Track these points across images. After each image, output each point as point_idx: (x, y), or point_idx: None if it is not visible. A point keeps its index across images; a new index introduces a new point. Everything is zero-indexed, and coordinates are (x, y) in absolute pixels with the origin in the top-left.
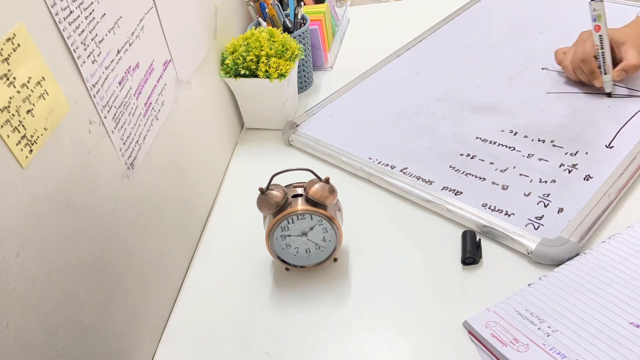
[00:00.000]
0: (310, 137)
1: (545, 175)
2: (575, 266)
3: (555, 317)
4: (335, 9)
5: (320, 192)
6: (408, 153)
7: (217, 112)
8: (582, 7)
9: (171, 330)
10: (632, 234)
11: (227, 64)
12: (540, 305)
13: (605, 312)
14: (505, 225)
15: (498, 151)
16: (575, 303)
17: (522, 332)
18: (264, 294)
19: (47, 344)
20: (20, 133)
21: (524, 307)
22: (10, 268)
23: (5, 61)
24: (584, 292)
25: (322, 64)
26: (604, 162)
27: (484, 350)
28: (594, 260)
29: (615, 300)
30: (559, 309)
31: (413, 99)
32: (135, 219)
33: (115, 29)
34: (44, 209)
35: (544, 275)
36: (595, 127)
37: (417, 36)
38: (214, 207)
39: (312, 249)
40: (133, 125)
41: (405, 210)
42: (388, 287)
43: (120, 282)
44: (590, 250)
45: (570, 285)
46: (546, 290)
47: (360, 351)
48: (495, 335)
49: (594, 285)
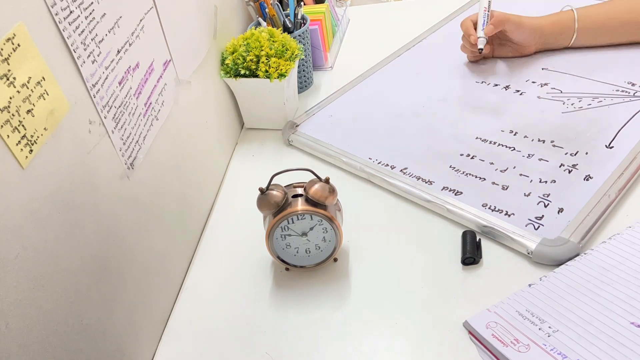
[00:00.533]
0: (310, 137)
1: (545, 176)
2: (575, 266)
3: (556, 318)
4: (335, 9)
5: (320, 192)
6: (408, 153)
7: (217, 112)
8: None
9: (171, 330)
10: (632, 234)
11: (227, 64)
12: (541, 306)
13: (606, 312)
14: (505, 226)
15: (498, 151)
16: (575, 303)
17: (522, 332)
18: (264, 294)
19: (47, 344)
20: (20, 133)
21: (524, 307)
22: (10, 268)
23: (5, 61)
24: (584, 293)
25: (322, 64)
26: (604, 162)
27: (484, 350)
28: (594, 261)
29: (616, 300)
30: (560, 309)
31: (413, 99)
32: (135, 219)
33: (115, 29)
34: (44, 209)
35: (544, 276)
36: (596, 127)
37: (417, 36)
38: (214, 207)
39: (312, 249)
40: (133, 125)
41: (405, 210)
42: (388, 287)
43: (120, 282)
44: (590, 250)
45: (571, 286)
46: (546, 291)
47: (360, 351)
48: (496, 335)
49: (595, 286)
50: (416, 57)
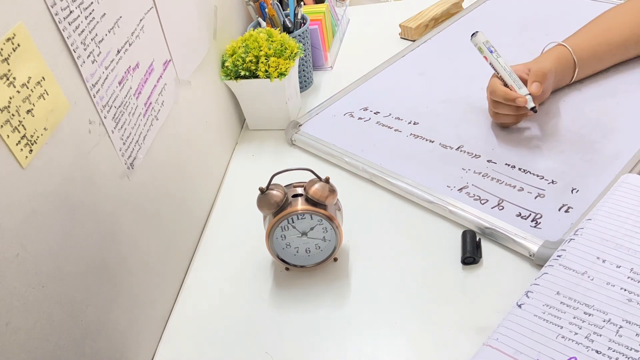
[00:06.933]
0: (313, 137)
1: (548, 177)
2: (554, 275)
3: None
4: (335, 9)
5: (320, 192)
6: (411, 153)
7: (217, 112)
8: (587, 8)
9: (171, 330)
10: (593, 227)
11: (227, 66)
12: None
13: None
14: (507, 227)
15: (501, 152)
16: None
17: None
18: (264, 294)
19: (47, 344)
20: (20, 133)
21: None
22: (10, 268)
23: (5, 61)
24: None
25: (322, 64)
26: (607, 164)
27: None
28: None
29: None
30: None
31: (416, 99)
32: (135, 219)
33: (115, 29)
34: (44, 209)
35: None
36: (600, 129)
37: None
38: (214, 207)
39: (312, 249)
40: (133, 125)
41: (406, 210)
42: (388, 287)
43: (120, 282)
44: (563, 251)
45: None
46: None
47: (360, 351)
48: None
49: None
50: (420, 58)
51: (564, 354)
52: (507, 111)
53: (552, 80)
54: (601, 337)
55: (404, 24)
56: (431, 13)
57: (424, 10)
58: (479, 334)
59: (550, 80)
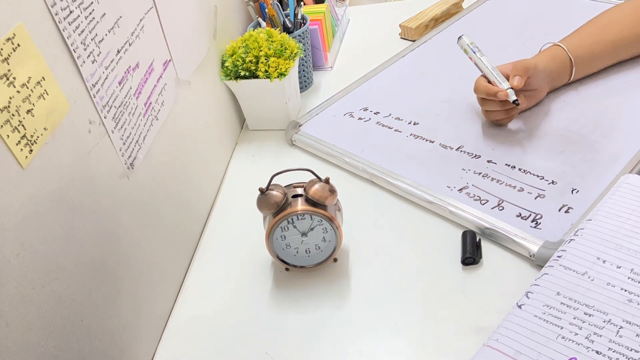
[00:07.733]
0: (313, 137)
1: (548, 177)
2: (555, 275)
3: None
4: (335, 9)
5: (320, 192)
6: (411, 154)
7: (217, 112)
8: (587, 8)
9: (171, 330)
10: (592, 227)
11: (227, 66)
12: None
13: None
14: (507, 227)
15: (501, 152)
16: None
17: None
18: (264, 294)
19: (47, 344)
20: (20, 133)
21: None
22: (10, 268)
23: (5, 61)
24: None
25: (322, 64)
26: (608, 165)
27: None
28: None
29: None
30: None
31: (417, 99)
32: (135, 219)
33: (115, 28)
34: (43, 209)
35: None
36: (601, 129)
37: (420, 37)
38: (214, 207)
39: (312, 249)
40: (133, 125)
41: (406, 210)
42: (388, 287)
43: (120, 282)
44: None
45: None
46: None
47: (359, 351)
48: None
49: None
50: (420, 58)
51: (564, 355)
52: (494, 107)
53: (543, 76)
54: (601, 337)
55: (404, 24)
56: (431, 13)
57: (424, 11)
58: (479, 335)
59: (540, 75)
